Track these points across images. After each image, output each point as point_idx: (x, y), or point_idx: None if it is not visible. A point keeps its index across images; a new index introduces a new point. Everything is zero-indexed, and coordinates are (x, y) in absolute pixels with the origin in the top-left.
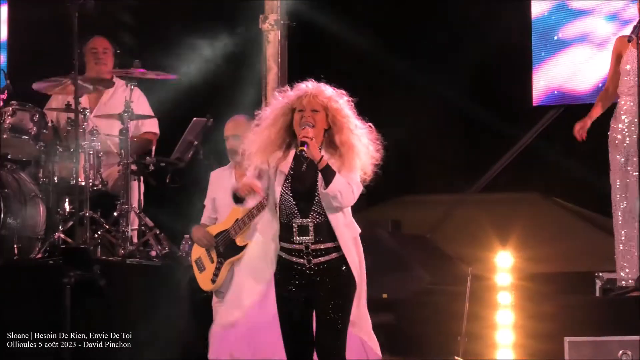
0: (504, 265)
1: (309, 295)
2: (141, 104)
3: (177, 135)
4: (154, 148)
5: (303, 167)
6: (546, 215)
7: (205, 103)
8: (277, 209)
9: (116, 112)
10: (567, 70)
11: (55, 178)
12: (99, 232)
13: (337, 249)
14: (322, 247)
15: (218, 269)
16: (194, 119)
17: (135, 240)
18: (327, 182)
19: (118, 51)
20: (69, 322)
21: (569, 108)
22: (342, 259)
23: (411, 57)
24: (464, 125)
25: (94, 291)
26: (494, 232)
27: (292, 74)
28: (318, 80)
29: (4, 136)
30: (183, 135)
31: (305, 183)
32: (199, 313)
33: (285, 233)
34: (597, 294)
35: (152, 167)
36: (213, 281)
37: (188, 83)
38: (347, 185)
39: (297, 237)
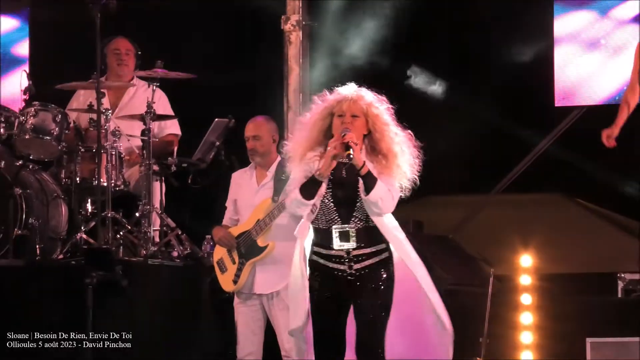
0: (526, 266)
1: (345, 301)
2: (162, 105)
3: (199, 136)
4: (175, 149)
5: (342, 172)
6: (568, 216)
7: (227, 104)
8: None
9: (138, 113)
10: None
11: (78, 178)
12: (121, 233)
13: (377, 253)
14: (363, 252)
15: (240, 270)
16: (216, 119)
17: (157, 240)
18: (369, 188)
19: (139, 52)
20: (91, 322)
21: (591, 108)
22: (382, 263)
23: (430, 58)
24: (485, 125)
25: (116, 292)
26: (517, 233)
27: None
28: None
29: (27, 137)
30: (205, 136)
31: (346, 189)
32: (220, 314)
33: (323, 239)
34: (619, 294)
35: (174, 168)
36: (235, 282)
37: (209, 84)
38: (387, 192)
39: (338, 243)
